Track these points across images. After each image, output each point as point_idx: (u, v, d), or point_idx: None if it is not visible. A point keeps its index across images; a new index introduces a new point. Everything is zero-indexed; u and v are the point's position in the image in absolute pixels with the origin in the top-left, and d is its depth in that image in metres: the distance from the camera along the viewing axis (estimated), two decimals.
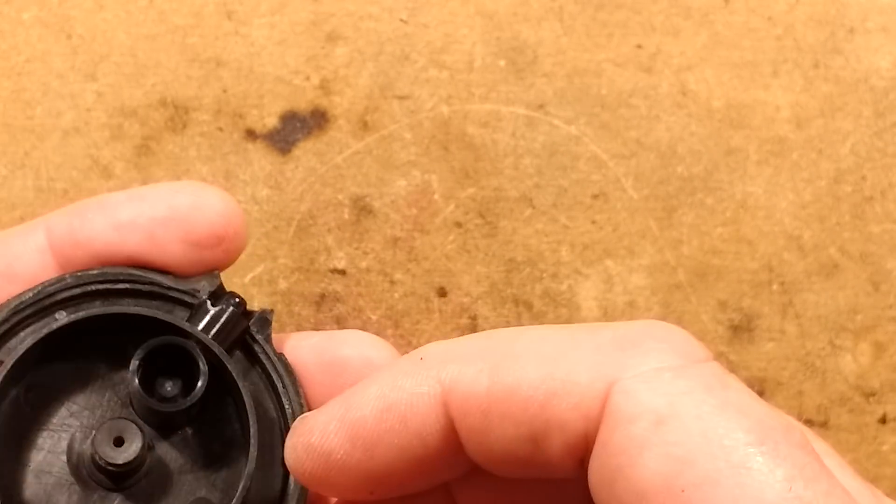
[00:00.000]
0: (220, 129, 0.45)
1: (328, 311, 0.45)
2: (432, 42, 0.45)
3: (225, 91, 0.45)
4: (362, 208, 0.45)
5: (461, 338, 0.30)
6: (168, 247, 0.34)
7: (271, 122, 0.45)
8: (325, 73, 0.45)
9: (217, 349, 0.33)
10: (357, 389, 0.30)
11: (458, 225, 0.45)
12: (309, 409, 0.34)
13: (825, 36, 0.45)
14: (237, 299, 0.34)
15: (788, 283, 0.46)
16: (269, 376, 0.34)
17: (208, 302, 0.34)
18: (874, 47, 0.45)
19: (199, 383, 0.32)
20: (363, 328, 0.45)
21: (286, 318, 0.45)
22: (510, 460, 0.28)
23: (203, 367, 0.33)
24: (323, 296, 0.45)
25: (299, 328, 0.45)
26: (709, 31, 0.45)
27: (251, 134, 0.45)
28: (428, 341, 0.46)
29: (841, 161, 0.45)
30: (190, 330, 0.33)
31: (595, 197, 0.45)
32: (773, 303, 0.45)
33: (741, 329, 0.45)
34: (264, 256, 0.45)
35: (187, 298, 0.34)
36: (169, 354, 0.33)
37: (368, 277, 0.45)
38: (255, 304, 0.45)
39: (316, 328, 0.45)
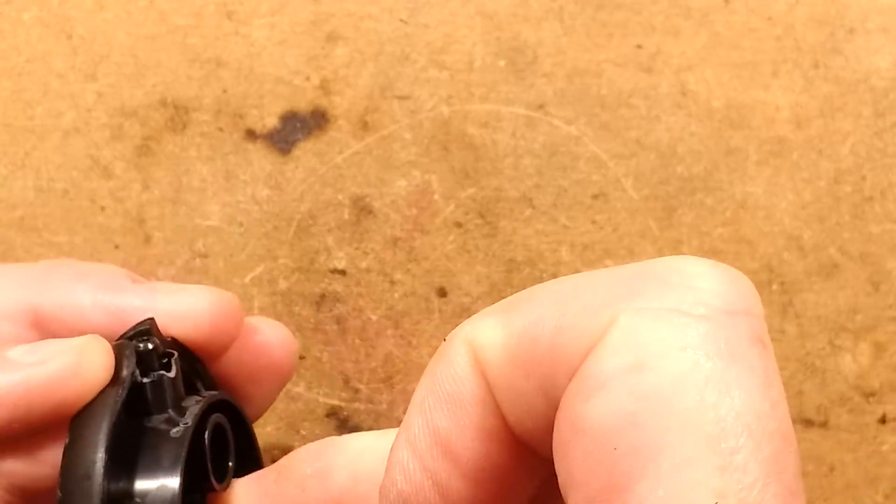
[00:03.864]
0: (221, 130, 0.45)
1: (328, 311, 0.45)
2: (432, 42, 0.45)
3: (225, 91, 0.45)
4: (362, 208, 0.45)
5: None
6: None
7: (271, 122, 0.45)
8: (325, 73, 0.45)
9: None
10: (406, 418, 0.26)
11: (458, 225, 0.45)
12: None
13: (825, 36, 0.45)
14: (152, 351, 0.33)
15: (788, 283, 0.46)
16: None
17: (141, 377, 0.32)
18: (874, 47, 0.45)
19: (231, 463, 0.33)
20: (363, 328, 0.45)
21: (286, 319, 0.45)
22: (538, 429, 0.24)
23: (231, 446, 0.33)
24: (323, 296, 0.45)
25: (299, 328, 0.45)
26: (709, 31, 0.45)
27: (251, 134, 0.45)
28: (428, 341, 0.46)
29: (841, 161, 0.45)
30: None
31: (595, 197, 0.45)
32: (773, 303, 0.45)
33: None
34: (264, 256, 0.45)
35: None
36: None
37: (368, 277, 0.45)
38: (255, 304, 0.45)
39: (316, 328, 0.45)
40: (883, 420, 0.46)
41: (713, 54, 0.45)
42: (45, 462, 0.32)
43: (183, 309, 0.35)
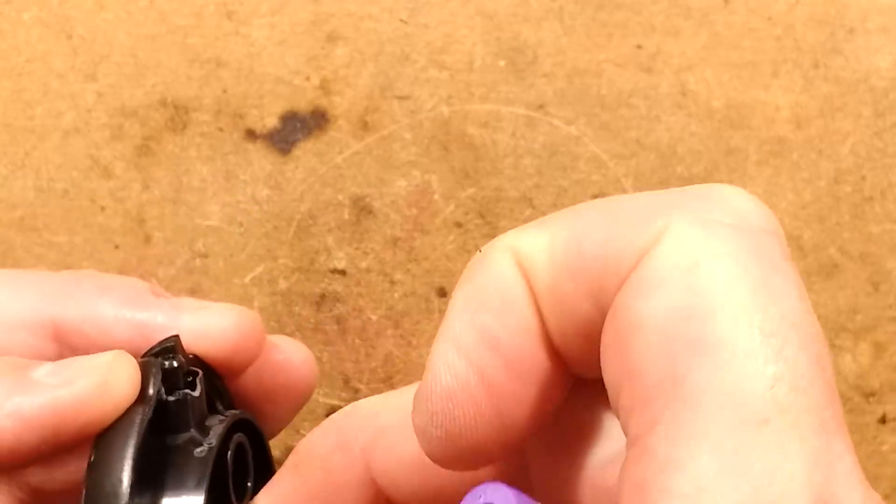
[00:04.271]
0: (221, 130, 0.45)
1: (328, 311, 0.45)
2: (432, 42, 0.45)
3: (225, 91, 0.45)
4: (362, 208, 0.45)
5: None
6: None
7: (271, 122, 0.45)
8: (325, 73, 0.45)
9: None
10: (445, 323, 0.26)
11: (458, 225, 0.45)
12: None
13: (825, 36, 0.45)
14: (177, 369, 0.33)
15: None
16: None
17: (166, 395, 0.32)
18: (874, 47, 0.45)
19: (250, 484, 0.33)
20: (363, 328, 0.45)
21: (286, 319, 0.45)
22: (579, 335, 0.25)
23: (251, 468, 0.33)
24: (323, 296, 0.45)
25: (299, 328, 0.45)
26: (709, 31, 0.45)
27: (251, 134, 0.45)
28: (428, 342, 0.46)
29: (841, 161, 0.45)
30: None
31: (595, 197, 0.45)
32: None
33: None
34: (264, 256, 0.45)
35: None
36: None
37: (368, 277, 0.45)
38: (255, 305, 0.45)
39: (316, 328, 0.45)
40: (883, 420, 0.46)
41: (713, 54, 0.45)
42: (62, 465, 0.32)
43: (207, 327, 0.35)
